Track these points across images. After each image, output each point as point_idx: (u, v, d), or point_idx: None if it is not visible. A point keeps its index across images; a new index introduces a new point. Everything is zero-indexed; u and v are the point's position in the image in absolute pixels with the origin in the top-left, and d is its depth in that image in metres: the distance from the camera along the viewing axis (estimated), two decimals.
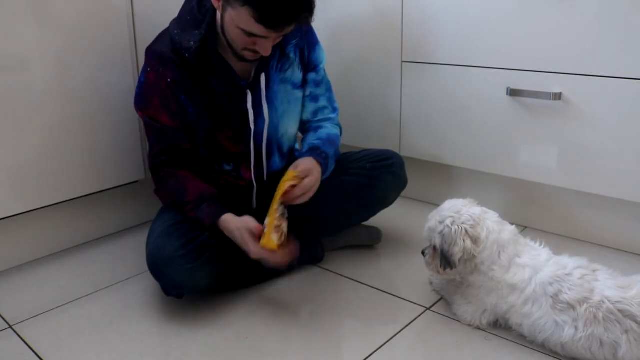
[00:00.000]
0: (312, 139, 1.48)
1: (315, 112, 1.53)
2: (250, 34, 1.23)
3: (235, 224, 1.28)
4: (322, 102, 1.53)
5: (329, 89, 1.55)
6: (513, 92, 1.63)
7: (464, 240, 1.20)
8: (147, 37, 1.49)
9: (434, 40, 1.77)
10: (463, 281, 1.31)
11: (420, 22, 1.79)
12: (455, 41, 1.72)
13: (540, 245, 1.26)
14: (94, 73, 1.59)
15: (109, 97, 1.64)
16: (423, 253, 1.33)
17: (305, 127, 1.56)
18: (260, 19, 1.18)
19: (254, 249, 1.26)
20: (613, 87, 1.47)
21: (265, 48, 1.27)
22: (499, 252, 1.21)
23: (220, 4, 1.25)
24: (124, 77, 1.66)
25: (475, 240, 1.20)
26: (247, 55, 1.31)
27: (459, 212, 1.23)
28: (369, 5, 1.90)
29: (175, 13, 1.39)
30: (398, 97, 1.90)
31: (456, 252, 1.20)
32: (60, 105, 1.55)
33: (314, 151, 1.41)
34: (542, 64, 1.57)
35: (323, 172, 1.39)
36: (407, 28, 1.82)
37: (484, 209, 1.27)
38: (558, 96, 1.55)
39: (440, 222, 1.24)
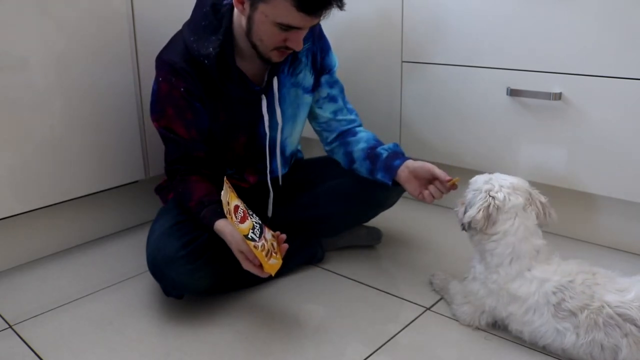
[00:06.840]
0: (365, 145, 1.47)
1: (336, 112, 1.52)
2: (286, 27, 1.21)
3: (228, 238, 1.25)
4: (340, 103, 1.53)
5: (342, 91, 1.54)
6: (513, 92, 1.63)
7: (479, 210, 1.18)
8: (147, 37, 1.50)
9: (434, 40, 1.77)
10: (470, 268, 1.29)
11: (420, 22, 1.79)
12: (456, 41, 1.72)
13: (556, 256, 1.21)
14: (94, 73, 1.59)
15: (109, 97, 1.64)
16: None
17: (329, 127, 1.53)
18: (300, 6, 1.17)
19: (246, 265, 1.23)
20: (613, 87, 1.47)
21: (297, 42, 1.25)
22: (511, 259, 1.18)
23: (247, 4, 1.23)
24: (124, 77, 1.66)
25: (487, 219, 1.18)
26: (275, 55, 1.29)
27: (500, 189, 1.20)
28: (369, 6, 1.89)
29: (175, 14, 1.38)
30: (398, 97, 1.90)
31: (468, 215, 1.20)
32: (60, 105, 1.55)
33: (398, 155, 1.43)
34: (542, 64, 1.57)
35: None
36: (407, 28, 1.82)
37: (529, 208, 1.20)
38: (558, 96, 1.55)
39: (481, 186, 1.23)
